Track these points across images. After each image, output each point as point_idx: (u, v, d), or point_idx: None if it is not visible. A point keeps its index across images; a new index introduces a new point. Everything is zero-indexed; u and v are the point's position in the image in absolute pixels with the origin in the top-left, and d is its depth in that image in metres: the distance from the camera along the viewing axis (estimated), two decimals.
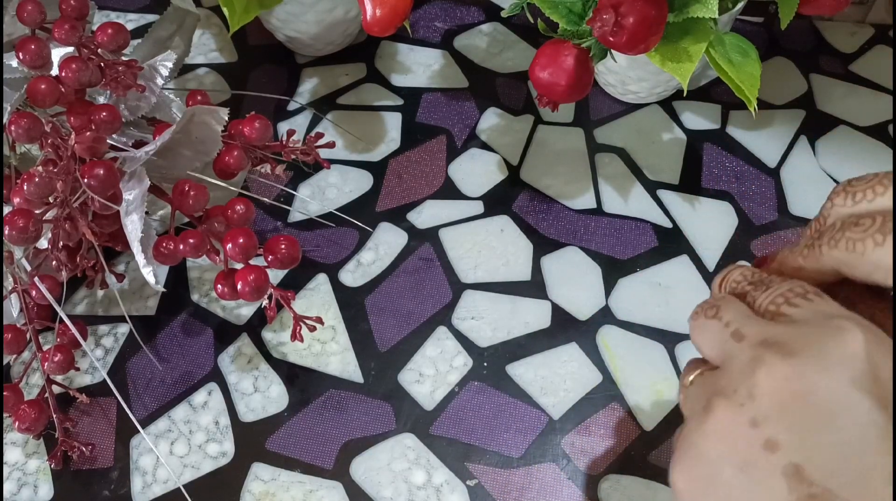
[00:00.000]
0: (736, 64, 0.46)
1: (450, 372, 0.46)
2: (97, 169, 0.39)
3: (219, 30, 0.63)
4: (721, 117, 0.57)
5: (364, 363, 0.47)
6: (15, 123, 0.40)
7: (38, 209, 0.39)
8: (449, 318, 0.48)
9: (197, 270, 0.51)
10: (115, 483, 0.43)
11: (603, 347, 0.47)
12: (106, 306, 0.50)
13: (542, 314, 0.49)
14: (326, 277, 0.50)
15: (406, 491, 0.43)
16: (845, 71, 0.59)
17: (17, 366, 0.47)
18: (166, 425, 0.45)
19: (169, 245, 0.43)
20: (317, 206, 0.53)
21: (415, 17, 0.63)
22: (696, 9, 0.42)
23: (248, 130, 0.47)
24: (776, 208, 0.53)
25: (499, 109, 0.58)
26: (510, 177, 0.54)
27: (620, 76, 0.55)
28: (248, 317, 0.49)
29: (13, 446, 0.45)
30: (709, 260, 0.50)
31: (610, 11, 0.40)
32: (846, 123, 0.57)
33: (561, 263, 0.51)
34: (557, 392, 0.46)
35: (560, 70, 0.44)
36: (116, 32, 0.44)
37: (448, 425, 0.45)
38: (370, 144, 0.56)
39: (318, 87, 0.59)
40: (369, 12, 0.45)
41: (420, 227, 0.52)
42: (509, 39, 0.62)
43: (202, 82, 0.60)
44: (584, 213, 0.53)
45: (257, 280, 0.42)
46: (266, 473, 0.43)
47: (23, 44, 0.43)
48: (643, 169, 0.55)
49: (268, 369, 0.47)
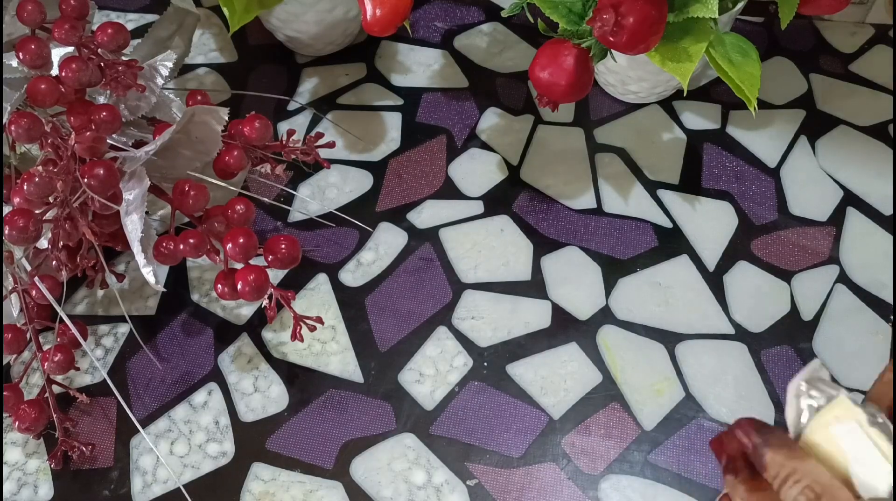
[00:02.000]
0: (736, 64, 0.46)
1: (450, 372, 0.46)
2: (97, 169, 0.39)
3: (219, 30, 0.63)
4: (721, 117, 0.57)
5: (364, 362, 0.47)
6: (15, 123, 0.40)
7: (38, 209, 0.39)
8: (449, 318, 0.48)
9: (197, 270, 0.51)
10: (115, 483, 0.43)
11: (603, 347, 0.47)
12: (106, 306, 0.50)
13: (542, 313, 0.49)
14: (326, 277, 0.50)
15: (406, 491, 0.43)
16: (845, 71, 0.59)
17: (17, 366, 0.47)
18: (166, 425, 0.45)
19: (169, 245, 0.43)
20: (317, 206, 0.53)
21: (415, 17, 0.63)
22: (696, 9, 0.42)
23: (248, 130, 0.47)
24: (776, 207, 0.53)
25: (499, 109, 0.58)
26: (510, 177, 0.54)
27: (620, 76, 0.55)
28: (249, 317, 0.49)
29: (13, 446, 0.45)
30: (709, 260, 0.50)
31: (610, 11, 0.40)
32: (846, 123, 0.57)
33: (561, 263, 0.51)
34: (557, 392, 0.46)
35: (560, 70, 0.44)
36: (116, 32, 0.44)
37: (448, 425, 0.45)
38: (370, 144, 0.56)
39: (318, 87, 0.59)
40: (369, 12, 0.45)
41: (420, 227, 0.52)
42: (509, 39, 0.62)
43: (202, 82, 0.60)
44: (584, 213, 0.53)
45: (257, 280, 0.42)
46: (266, 473, 0.43)
47: (23, 44, 0.43)
48: (643, 169, 0.55)
49: (268, 369, 0.47)
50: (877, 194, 0.53)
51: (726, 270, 0.50)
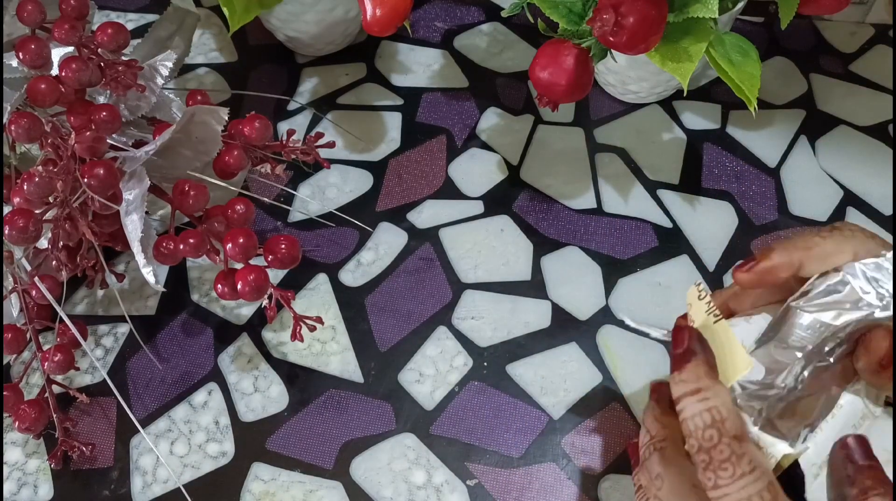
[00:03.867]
0: (736, 64, 0.46)
1: (450, 372, 0.46)
2: (97, 169, 0.39)
3: (219, 30, 0.63)
4: (721, 117, 0.57)
5: (364, 362, 0.47)
6: (15, 123, 0.40)
7: (38, 209, 0.39)
8: (449, 318, 0.48)
9: (197, 270, 0.51)
10: (115, 483, 0.43)
11: (603, 347, 0.47)
12: (106, 306, 0.50)
13: (542, 313, 0.49)
14: (326, 277, 0.50)
15: (406, 491, 0.43)
16: (845, 71, 0.59)
17: (17, 366, 0.47)
18: (166, 425, 0.45)
19: (169, 245, 0.43)
20: (317, 206, 0.53)
21: (415, 17, 0.63)
22: (696, 9, 0.42)
23: (248, 129, 0.47)
24: (776, 207, 0.53)
25: (499, 109, 0.58)
26: (510, 177, 0.54)
27: (620, 76, 0.55)
28: (248, 317, 0.49)
29: (13, 446, 0.45)
30: (709, 260, 0.50)
31: (610, 11, 0.40)
32: (846, 122, 0.57)
33: (561, 263, 0.51)
34: (557, 392, 0.46)
35: (560, 70, 0.44)
36: (116, 32, 0.44)
37: (448, 425, 0.45)
38: (370, 144, 0.56)
39: (318, 87, 0.59)
40: (369, 12, 0.45)
41: (420, 227, 0.52)
42: (509, 39, 0.62)
43: (202, 82, 0.60)
44: (584, 213, 0.53)
45: (257, 280, 0.42)
46: (266, 473, 0.43)
47: (23, 44, 0.43)
48: (643, 169, 0.55)
49: (268, 369, 0.47)
50: (877, 193, 0.53)
51: (726, 270, 0.50)
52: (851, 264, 0.33)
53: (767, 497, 0.28)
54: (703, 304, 0.34)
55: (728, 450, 0.29)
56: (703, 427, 0.30)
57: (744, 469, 0.29)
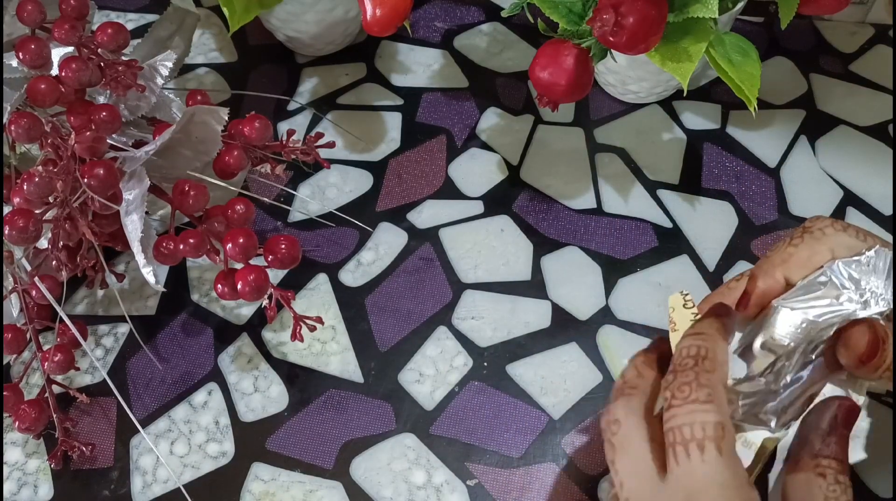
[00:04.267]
0: (736, 64, 0.46)
1: (450, 372, 0.46)
2: (97, 169, 0.39)
3: (219, 30, 0.63)
4: (721, 117, 0.57)
5: (364, 362, 0.47)
6: (15, 123, 0.40)
7: (38, 209, 0.39)
8: (449, 318, 0.48)
9: (197, 270, 0.51)
10: (115, 483, 0.43)
11: (603, 347, 0.47)
12: (106, 306, 0.50)
13: (542, 313, 0.49)
14: (326, 277, 0.50)
15: (406, 491, 0.43)
16: (845, 71, 0.59)
17: (17, 366, 0.47)
18: (166, 425, 0.45)
19: (169, 245, 0.43)
20: (317, 206, 0.53)
21: (415, 17, 0.63)
22: (696, 9, 0.42)
23: (248, 130, 0.47)
24: (776, 207, 0.53)
25: (499, 109, 0.58)
26: (510, 177, 0.54)
27: (620, 76, 0.55)
28: (248, 317, 0.49)
29: (13, 446, 0.45)
30: (709, 260, 0.50)
31: (610, 11, 0.40)
32: (846, 122, 0.57)
33: (561, 263, 0.51)
34: (557, 392, 0.46)
35: (560, 70, 0.44)
36: (116, 32, 0.44)
37: (448, 425, 0.45)
38: (370, 144, 0.56)
39: (318, 87, 0.59)
40: (369, 12, 0.45)
41: (420, 227, 0.52)
42: (509, 39, 0.62)
43: (202, 82, 0.60)
44: (584, 213, 0.53)
45: (257, 280, 0.42)
46: (266, 473, 0.43)
47: (23, 44, 0.43)
48: (643, 169, 0.55)
49: (268, 369, 0.47)
50: (877, 193, 0.53)
51: (726, 270, 0.50)
52: (831, 264, 0.34)
53: (711, 433, 0.28)
54: (689, 313, 0.34)
55: (692, 375, 0.29)
56: (686, 356, 0.30)
57: (698, 396, 0.28)
